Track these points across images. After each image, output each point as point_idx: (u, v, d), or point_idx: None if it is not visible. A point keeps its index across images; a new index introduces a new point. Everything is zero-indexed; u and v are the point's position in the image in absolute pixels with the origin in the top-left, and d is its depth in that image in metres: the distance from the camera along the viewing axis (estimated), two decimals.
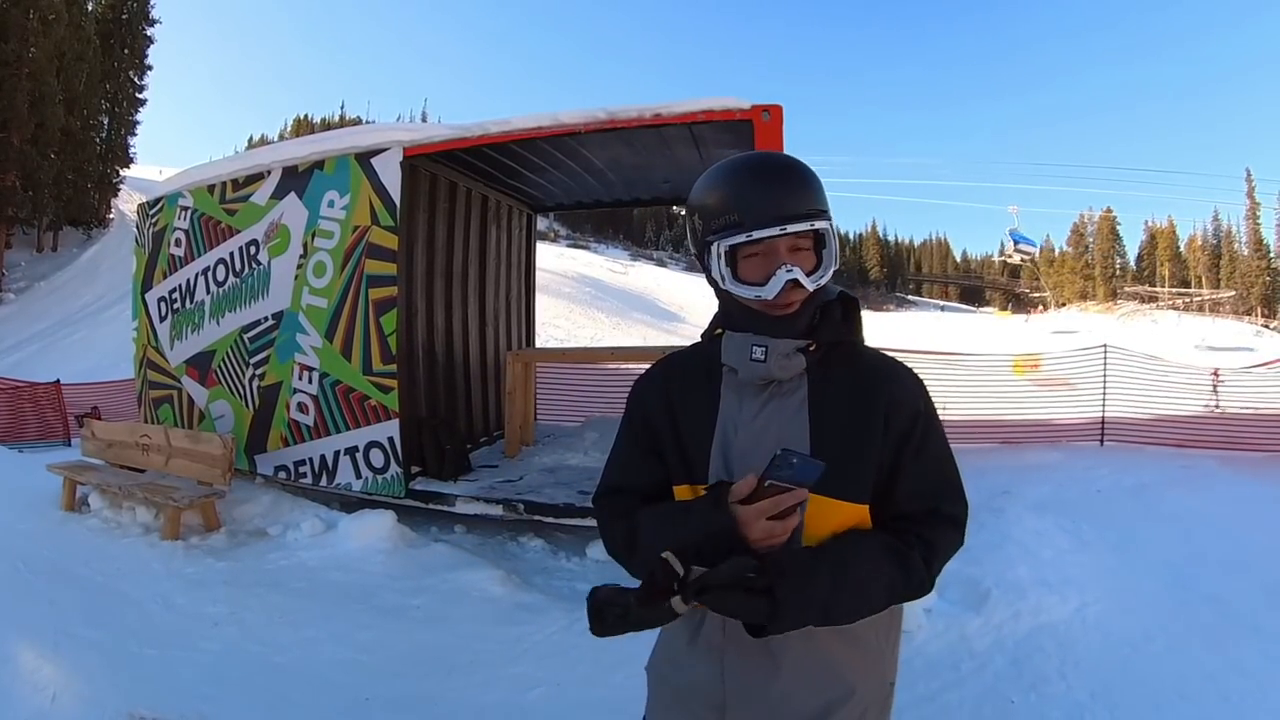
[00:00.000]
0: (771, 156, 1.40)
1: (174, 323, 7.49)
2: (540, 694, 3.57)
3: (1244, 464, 8.11)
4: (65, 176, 39.89)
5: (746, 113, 5.35)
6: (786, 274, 1.27)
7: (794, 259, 1.29)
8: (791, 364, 1.32)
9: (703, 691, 1.40)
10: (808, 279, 1.29)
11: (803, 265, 1.30)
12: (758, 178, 1.31)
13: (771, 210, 1.27)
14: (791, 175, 1.32)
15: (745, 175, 1.32)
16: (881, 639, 1.40)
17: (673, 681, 1.47)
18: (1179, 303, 76.64)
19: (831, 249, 1.32)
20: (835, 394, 1.34)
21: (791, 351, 1.32)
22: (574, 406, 9.87)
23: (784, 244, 1.29)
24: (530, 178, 8.16)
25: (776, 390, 1.35)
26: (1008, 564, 4.61)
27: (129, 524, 6.17)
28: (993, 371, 10.61)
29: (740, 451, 1.34)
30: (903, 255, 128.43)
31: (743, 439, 1.35)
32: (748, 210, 1.28)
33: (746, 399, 1.36)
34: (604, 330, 30.55)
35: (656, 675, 1.53)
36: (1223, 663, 3.70)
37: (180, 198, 7.48)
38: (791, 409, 1.33)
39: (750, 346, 1.33)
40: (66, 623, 4.06)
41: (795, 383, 1.35)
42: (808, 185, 1.31)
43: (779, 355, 1.31)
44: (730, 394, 1.38)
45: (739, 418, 1.36)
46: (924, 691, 3.49)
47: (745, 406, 1.36)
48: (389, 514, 5.78)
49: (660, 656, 1.53)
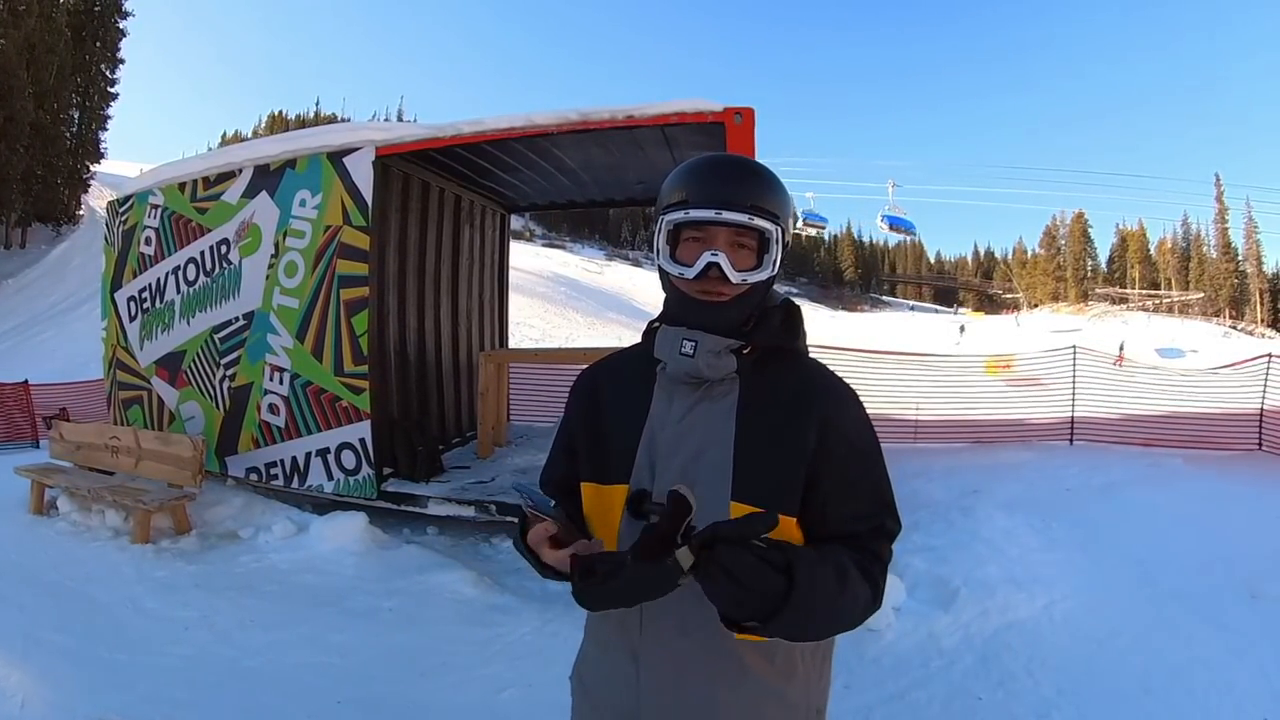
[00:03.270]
0: (734, 155, 1.39)
1: (144, 322, 7.41)
2: (512, 695, 3.57)
3: (1209, 462, 8.28)
4: (34, 171, 39.42)
5: (719, 115, 5.37)
6: (710, 256, 1.27)
7: (731, 252, 1.28)
8: (721, 363, 1.30)
9: (615, 696, 1.38)
10: (735, 271, 1.27)
11: (740, 261, 1.29)
12: (713, 167, 1.32)
13: (715, 196, 1.27)
14: (745, 171, 1.32)
15: (702, 164, 1.33)
16: (809, 662, 1.36)
17: (588, 685, 1.46)
18: (1149, 304, 77.69)
19: (773, 254, 1.30)
20: (767, 401, 1.31)
21: (722, 350, 1.30)
22: (547, 407, 9.86)
23: (724, 235, 1.28)
24: (504, 178, 8.15)
25: (707, 392, 1.32)
26: (977, 562, 4.67)
27: (98, 527, 6.10)
28: (965, 372, 10.71)
29: (664, 452, 1.31)
30: (877, 256, 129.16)
31: (667, 438, 1.32)
32: (694, 192, 1.28)
33: (677, 398, 1.34)
34: (579, 330, 30.62)
35: (576, 679, 1.51)
36: (1188, 657, 3.78)
37: (151, 195, 7.40)
38: (720, 412, 1.31)
39: (681, 340, 1.31)
40: (35, 627, 4.02)
41: (727, 385, 1.32)
42: (759, 183, 1.30)
43: (708, 351, 1.29)
44: (661, 393, 1.36)
45: (667, 416, 1.34)
46: (893, 689, 3.53)
47: (674, 406, 1.34)
48: (361, 516, 5.75)
49: (579, 661, 1.52)
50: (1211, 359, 9.35)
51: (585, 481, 1.40)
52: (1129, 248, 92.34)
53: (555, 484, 1.50)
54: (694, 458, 1.29)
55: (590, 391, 1.48)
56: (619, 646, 1.36)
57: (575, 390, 1.52)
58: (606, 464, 1.37)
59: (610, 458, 1.37)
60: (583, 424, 1.45)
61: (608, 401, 1.43)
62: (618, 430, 1.38)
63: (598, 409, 1.44)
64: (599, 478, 1.38)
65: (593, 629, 1.47)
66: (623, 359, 1.50)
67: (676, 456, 1.30)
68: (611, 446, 1.38)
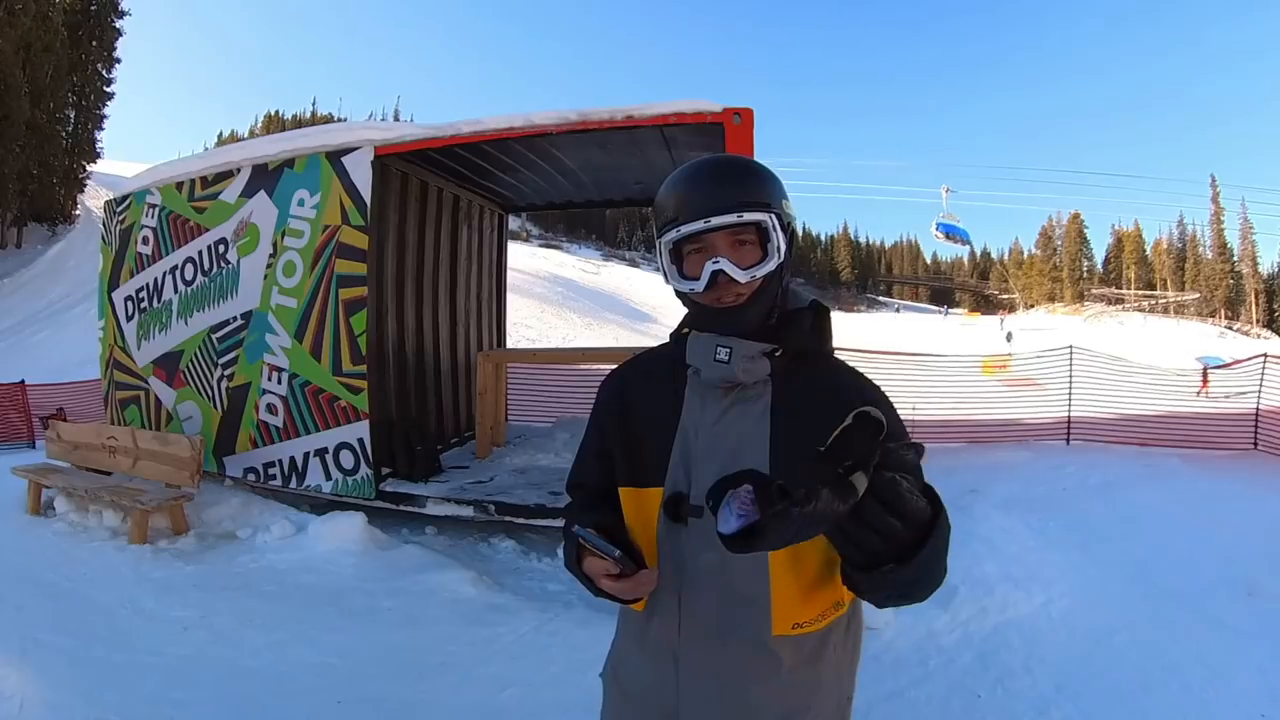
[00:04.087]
0: (712, 157, 1.37)
1: (141, 322, 7.40)
2: (512, 694, 3.57)
3: (1205, 462, 8.30)
4: (30, 171, 39.28)
5: (718, 115, 5.36)
6: (712, 266, 1.27)
7: (734, 253, 1.28)
8: (755, 368, 1.30)
9: (655, 696, 1.40)
10: (741, 271, 1.27)
11: (744, 259, 1.29)
12: (693, 176, 1.32)
13: (701, 205, 1.27)
14: (725, 171, 1.32)
15: (684, 175, 1.33)
16: (841, 651, 1.38)
17: (625, 685, 1.47)
18: (1145, 305, 77.83)
19: (775, 241, 1.29)
20: (799, 404, 1.31)
21: (756, 355, 1.30)
22: (545, 407, 9.88)
23: (722, 239, 1.29)
24: (502, 178, 8.14)
25: (740, 395, 1.33)
26: (975, 561, 4.68)
27: (96, 527, 6.09)
28: (962, 372, 10.74)
29: (699, 455, 1.32)
30: (874, 257, 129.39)
31: (702, 442, 1.33)
32: (682, 208, 1.29)
33: (709, 402, 1.34)
34: (576, 330, 30.52)
35: (611, 678, 1.52)
36: (1184, 655, 3.80)
37: (148, 195, 7.39)
38: (753, 415, 1.31)
39: (715, 347, 1.31)
40: (33, 629, 4.01)
41: (759, 389, 1.33)
42: (741, 179, 1.30)
43: (743, 358, 1.30)
44: (694, 396, 1.37)
45: (701, 421, 1.34)
46: (892, 687, 3.53)
47: (708, 410, 1.34)
48: (359, 516, 5.74)
49: (614, 660, 1.53)
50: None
51: (623, 487, 1.42)
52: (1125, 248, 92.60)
53: (590, 490, 1.52)
54: (730, 460, 1.27)
55: (620, 393, 1.49)
56: (659, 646, 1.39)
57: (604, 392, 1.53)
58: (642, 467, 1.39)
59: (645, 461, 1.38)
60: (615, 427, 1.46)
61: (638, 404, 1.45)
62: (650, 434, 1.39)
63: (629, 411, 1.45)
64: (635, 481, 1.40)
65: (628, 629, 1.48)
66: (651, 361, 1.51)
67: (713, 460, 1.30)
68: (645, 449, 1.39)
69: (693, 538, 1.32)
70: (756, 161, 1.34)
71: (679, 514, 1.32)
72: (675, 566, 1.34)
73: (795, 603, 1.29)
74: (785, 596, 1.29)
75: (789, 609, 1.29)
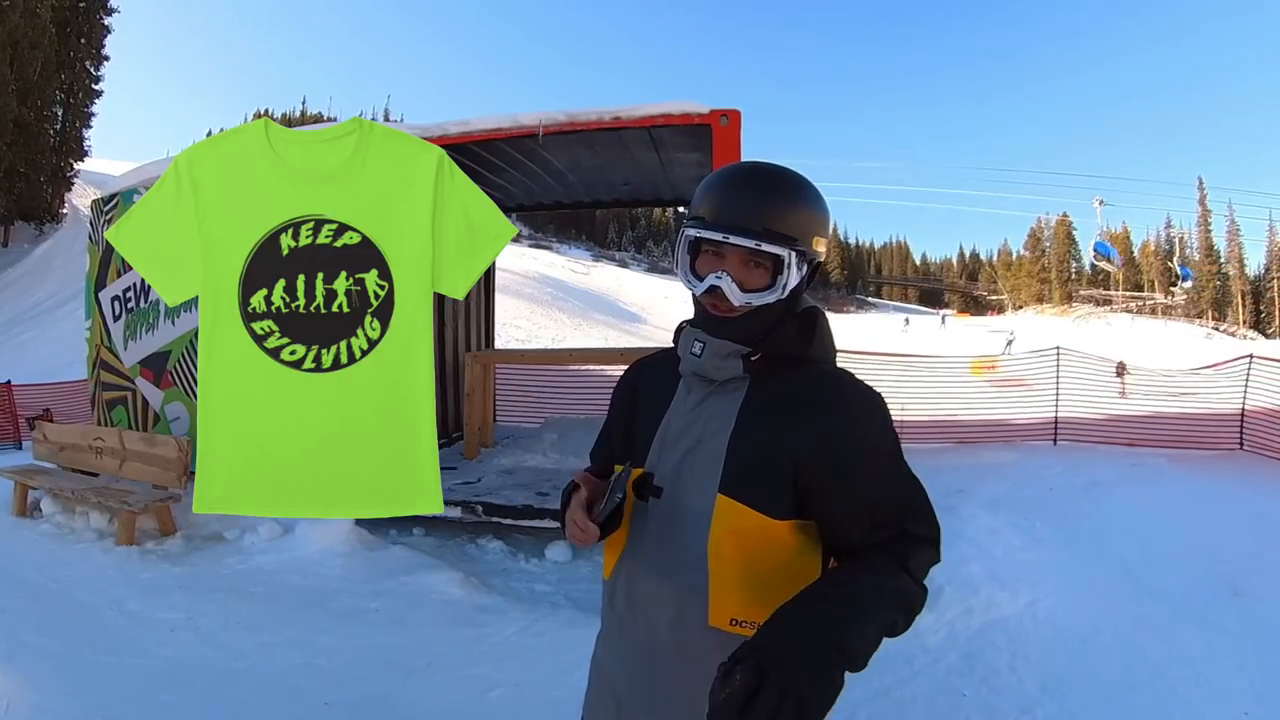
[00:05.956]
0: (767, 170, 1.34)
1: (128, 322, 7.35)
2: (500, 695, 3.57)
3: (1192, 462, 8.36)
4: (17, 169, 38.89)
5: (705, 117, 5.39)
6: (714, 279, 1.30)
7: (743, 271, 1.30)
8: (725, 365, 1.34)
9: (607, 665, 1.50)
10: (740, 293, 1.29)
11: (747, 279, 1.30)
12: (735, 183, 1.31)
13: (730, 217, 1.28)
14: (766, 191, 1.30)
15: (728, 177, 1.33)
16: None
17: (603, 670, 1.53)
18: (1133, 306, 78.18)
19: (785, 278, 1.29)
20: (770, 403, 1.33)
21: (727, 353, 1.33)
22: (533, 408, 9.87)
23: (737, 254, 1.30)
24: (489, 178, 8.12)
25: (719, 390, 1.37)
26: (961, 561, 4.69)
27: (82, 529, 6.07)
28: (950, 373, 10.78)
29: (669, 440, 1.40)
30: (864, 258, 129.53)
31: (674, 429, 1.40)
32: (714, 209, 1.30)
33: (693, 393, 1.40)
34: (565, 331, 30.50)
35: (594, 664, 1.58)
36: (1169, 654, 3.83)
37: (135, 194, 7.33)
38: (725, 408, 1.35)
39: (693, 340, 1.37)
40: (19, 631, 3.99)
41: (737, 385, 1.36)
42: (778, 204, 1.29)
43: (714, 354, 1.34)
44: (683, 387, 1.43)
45: (680, 409, 1.41)
46: (877, 686, 3.55)
47: (689, 399, 1.40)
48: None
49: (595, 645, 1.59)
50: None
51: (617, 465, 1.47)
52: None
53: (599, 460, 1.63)
54: (692, 448, 1.36)
55: (631, 384, 1.59)
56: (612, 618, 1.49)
57: (620, 382, 1.63)
58: (634, 449, 1.48)
59: (636, 443, 1.47)
60: (621, 412, 1.57)
61: (643, 391, 1.54)
62: (644, 419, 1.48)
63: (635, 399, 1.55)
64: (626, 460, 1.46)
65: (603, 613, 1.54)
66: (662, 356, 1.56)
67: (679, 445, 1.38)
68: (638, 433, 1.48)
69: (650, 516, 1.39)
70: (806, 187, 1.33)
71: (642, 492, 1.40)
72: (632, 543, 1.42)
73: (735, 598, 1.30)
74: (724, 589, 1.30)
75: (728, 602, 1.30)
